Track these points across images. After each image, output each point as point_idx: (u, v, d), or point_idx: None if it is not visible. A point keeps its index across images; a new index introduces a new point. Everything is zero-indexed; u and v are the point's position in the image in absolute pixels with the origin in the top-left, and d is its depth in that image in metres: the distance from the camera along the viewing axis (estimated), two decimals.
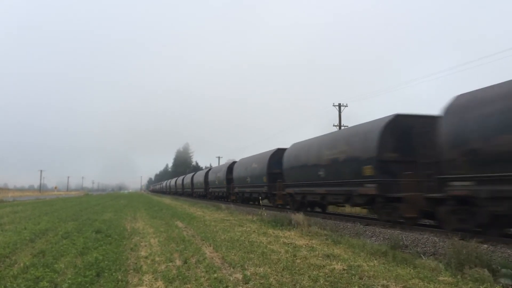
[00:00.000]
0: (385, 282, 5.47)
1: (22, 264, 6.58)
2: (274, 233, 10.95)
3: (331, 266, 6.46)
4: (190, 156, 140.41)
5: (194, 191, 46.69)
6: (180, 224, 13.69)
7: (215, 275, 5.81)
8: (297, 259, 7.09)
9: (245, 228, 12.20)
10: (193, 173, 54.31)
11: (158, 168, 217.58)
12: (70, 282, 5.32)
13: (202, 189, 41.92)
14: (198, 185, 44.51)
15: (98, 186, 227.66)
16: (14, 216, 16.83)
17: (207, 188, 39.58)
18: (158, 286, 5.36)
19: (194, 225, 13.18)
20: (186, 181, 53.35)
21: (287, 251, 7.90)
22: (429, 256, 7.96)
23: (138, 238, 9.93)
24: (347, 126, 32.08)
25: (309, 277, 5.78)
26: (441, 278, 5.72)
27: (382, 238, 10.19)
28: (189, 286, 5.36)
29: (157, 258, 7.25)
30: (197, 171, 53.83)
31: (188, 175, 55.91)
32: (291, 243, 8.96)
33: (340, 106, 36.12)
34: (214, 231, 11.22)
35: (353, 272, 6.04)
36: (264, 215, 15.56)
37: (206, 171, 42.27)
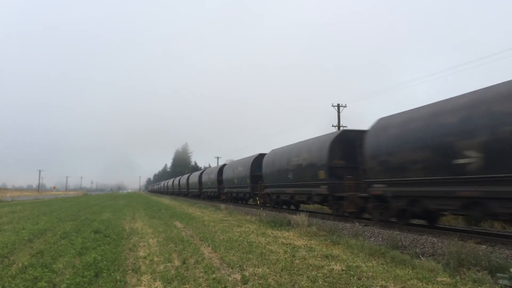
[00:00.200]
0: (383, 282, 5.47)
1: (20, 264, 6.57)
2: (272, 233, 10.95)
3: (330, 267, 6.46)
4: (189, 156, 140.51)
5: (190, 191, 48.90)
6: (179, 224, 13.68)
7: (214, 276, 5.81)
8: (295, 260, 7.09)
9: (243, 228, 12.20)
10: (188, 174, 56.60)
11: (157, 168, 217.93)
12: (68, 282, 5.32)
13: (196, 189, 43.98)
14: (193, 185, 46.60)
15: (97, 186, 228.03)
16: (12, 216, 16.81)
17: (201, 188, 41.90)
18: (157, 287, 5.35)
19: (193, 225, 13.17)
20: (182, 181, 55.76)
21: (286, 252, 7.90)
22: (427, 256, 7.97)
23: (136, 238, 9.93)
24: (346, 127, 32.25)
25: (307, 277, 5.78)
26: (439, 279, 5.73)
27: (381, 239, 10.21)
28: (187, 286, 5.36)
29: (155, 259, 7.25)
30: (192, 173, 55.78)
31: (184, 176, 58.63)
32: (290, 244, 8.96)
33: (339, 106, 36.16)
34: (213, 232, 11.21)
35: (351, 272, 6.05)
36: (262, 216, 15.58)
37: (200, 173, 44.59)
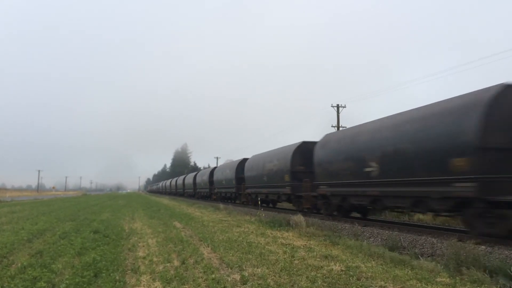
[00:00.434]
0: (383, 283, 5.48)
1: (19, 264, 6.57)
2: (272, 233, 10.95)
3: (329, 267, 6.46)
4: (188, 156, 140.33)
5: (185, 192, 52.06)
6: (178, 224, 13.68)
7: (213, 276, 5.81)
8: (295, 260, 7.09)
9: (243, 228, 12.20)
10: (184, 175, 59.53)
11: (157, 168, 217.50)
12: (67, 282, 5.31)
13: (191, 189, 46.98)
14: (188, 186, 49.46)
15: (96, 186, 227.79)
16: (11, 216, 16.79)
17: (195, 189, 44.97)
18: (156, 287, 5.35)
19: (192, 225, 13.17)
20: (179, 182, 58.73)
21: (285, 252, 7.90)
22: (427, 257, 7.98)
23: (136, 239, 9.92)
24: (346, 127, 32.25)
25: (307, 278, 5.78)
26: (438, 279, 5.73)
27: (380, 239, 10.22)
28: (187, 286, 5.36)
29: (155, 259, 7.25)
30: (188, 174, 58.72)
31: (181, 177, 61.65)
32: (289, 244, 8.96)
33: (338, 107, 36.16)
34: (212, 232, 11.21)
35: (351, 273, 6.05)
36: (262, 216, 15.58)
37: (195, 174, 47.62)
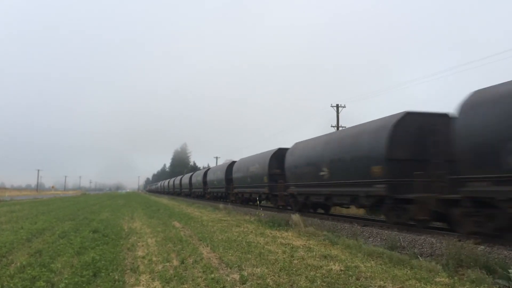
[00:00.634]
0: (382, 283, 5.48)
1: (18, 263, 6.56)
2: (271, 233, 10.95)
3: (328, 267, 6.47)
4: (188, 156, 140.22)
5: (182, 191, 55.09)
6: (177, 224, 13.67)
7: (212, 276, 5.81)
8: (294, 260, 7.09)
9: (242, 228, 12.20)
10: (181, 176, 62.79)
11: (156, 168, 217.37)
12: (66, 282, 5.31)
13: (187, 189, 50.04)
14: (185, 186, 52.50)
15: (96, 186, 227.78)
16: (11, 215, 16.78)
17: (191, 188, 47.74)
18: (155, 286, 5.35)
19: (192, 225, 13.17)
20: (177, 182, 61.89)
21: (285, 252, 7.90)
22: (426, 257, 7.99)
23: (135, 238, 9.92)
24: (345, 127, 32.25)
25: (306, 277, 5.79)
26: (438, 279, 5.73)
27: (379, 239, 10.22)
28: (186, 286, 5.36)
29: (154, 258, 7.24)
30: (185, 174, 61.23)
31: (178, 177, 64.98)
32: (289, 244, 8.97)
33: (338, 106, 36.15)
34: (211, 232, 11.21)
35: (350, 272, 6.05)
36: (261, 216, 15.58)
37: (190, 175, 50.29)
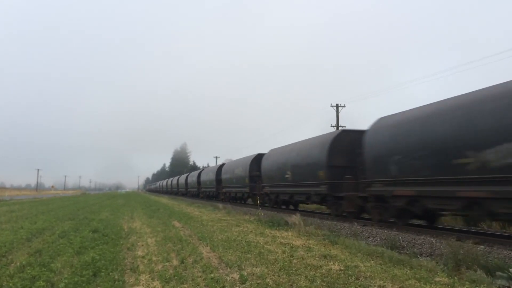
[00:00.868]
0: (381, 282, 5.48)
1: (18, 263, 6.56)
2: (271, 233, 10.95)
3: (328, 267, 6.47)
4: (188, 156, 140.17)
5: (179, 191, 58.53)
6: (177, 224, 13.67)
7: (212, 275, 5.81)
8: (294, 259, 7.09)
9: (242, 228, 12.20)
10: (178, 176, 66.61)
11: (156, 167, 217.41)
12: (66, 281, 5.31)
13: (184, 189, 53.77)
14: (181, 186, 56.12)
15: (96, 186, 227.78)
16: (10, 215, 16.77)
17: (187, 188, 51.26)
18: (155, 286, 5.35)
19: (191, 225, 13.17)
20: (174, 182, 65.60)
21: (284, 251, 7.91)
22: (426, 256, 7.99)
23: (135, 238, 9.92)
24: (345, 127, 32.45)
25: (306, 277, 5.79)
26: (437, 279, 5.74)
27: (379, 239, 10.23)
28: (185, 286, 5.36)
29: (154, 258, 7.24)
30: (181, 175, 64.16)
31: (175, 177, 68.56)
32: (288, 243, 8.97)
33: (337, 106, 36.17)
34: (211, 231, 11.21)
35: (350, 272, 6.05)
36: (261, 215, 15.59)
37: (186, 176, 53.87)
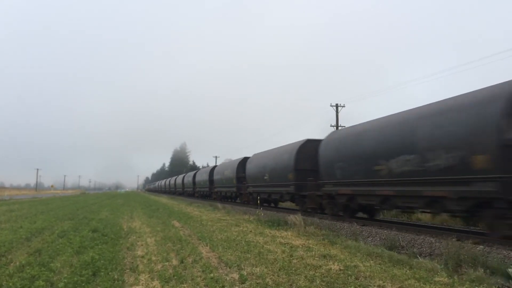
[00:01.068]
0: (381, 282, 5.48)
1: (18, 263, 6.56)
2: (270, 233, 10.95)
3: (328, 266, 6.47)
4: (187, 155, 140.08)
5: (177, 190, 61.26)
6: (176, 223, 13.67)
7: (212, 275, 5.81)
8: (293, 259, 7.09)
9: (241, 228, 12.20)
10: (176, 176, 68.69)
11: (155, 167, 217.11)
12: (66, 281, 5.31)
13: (181, 188, 56.35)
14: (179, 185, 58.69)
15: (95, 185, 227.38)
16: (10, 214, 16.76)
17: (183, 188, 53.77)
18: (155, 286, 5.35)
19: (191, 224, 13.17)
20: (172, 182, 67.87)
21: (284, 251, 7.91)
22: (425, 256, 7.99)
23: (134, 238, 9.92)
24: (344, 126, 32.49)
25: (305, 277, 5.79)
26: (437, 279, 5.74)
27: (378, 239, 10.23)
28: (185, 285, 5.36)
29: (153, 258, 7.24)
30: (178, 175, 66.26)
31: (173, 177, 71.11)
32: (288, 243, 8.97)
33: (337, 106, 36.16)
34: (210, 231, 11.21)
35: (349, 272, 6.05)
36: (261, 215, 15.59)
37: (183, 176, 56.68)
